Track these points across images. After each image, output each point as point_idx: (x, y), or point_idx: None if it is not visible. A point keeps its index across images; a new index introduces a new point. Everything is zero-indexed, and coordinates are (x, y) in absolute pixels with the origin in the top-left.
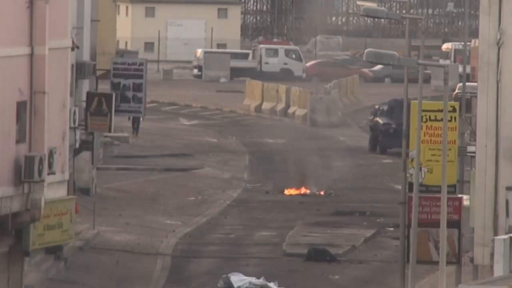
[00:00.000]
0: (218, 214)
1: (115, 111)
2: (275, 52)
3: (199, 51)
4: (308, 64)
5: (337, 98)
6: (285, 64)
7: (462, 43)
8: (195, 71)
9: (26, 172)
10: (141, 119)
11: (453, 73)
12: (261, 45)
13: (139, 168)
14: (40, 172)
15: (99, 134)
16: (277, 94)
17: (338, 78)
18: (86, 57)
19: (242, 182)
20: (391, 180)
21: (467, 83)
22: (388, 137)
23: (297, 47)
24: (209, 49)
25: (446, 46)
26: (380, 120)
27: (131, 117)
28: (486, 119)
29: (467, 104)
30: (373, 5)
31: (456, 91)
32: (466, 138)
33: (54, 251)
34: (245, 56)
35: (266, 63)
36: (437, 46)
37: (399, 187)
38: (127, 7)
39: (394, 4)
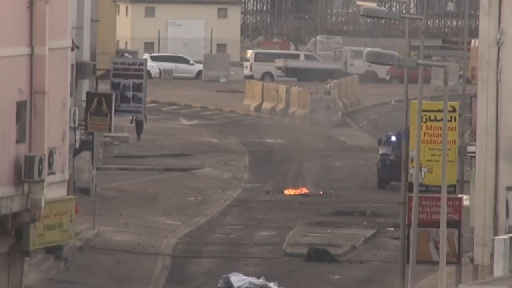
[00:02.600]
0: (218, 214)
1: (115, 111)
2: (361, 54)
3: (250, 52)
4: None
5: (337, 98)
6: (370, 66)
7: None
8: (246, 71)
9: (26, 172)
10: (144, 123)
11: None
12: (347, 47)
13: (139, 168)
14: (40, 172)
15: (99, 134)
16: (277, 94)
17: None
18: (86, 57)
19: (242, 182)
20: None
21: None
22: (384, 170)
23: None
24: (259, 50)
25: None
26: (380, 150)
27: (134, 121)
28: (486, 119)
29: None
30: (373, 5)
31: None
32: (466, 138)
33: (54, 251)
34: (296, 57)
35: (351, 64)
36: (437, 46)
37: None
38: (127, 7)
39: (394, 4)
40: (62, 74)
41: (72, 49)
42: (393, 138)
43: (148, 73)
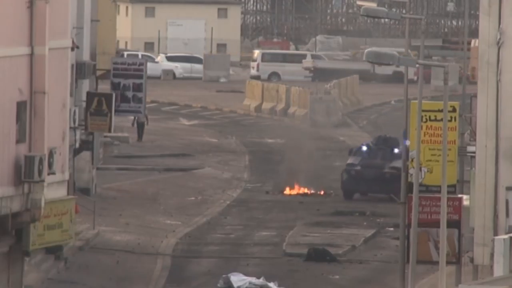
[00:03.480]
0: (218, 214)
1: (115, 111)
2: None
3: (257, 52)
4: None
5: (337, 98)
6: (397, 66)
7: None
8: (253, 71)
9: (26, 172)
10: (145, 124)
11: None
12: (375, 48)
13: (139, 168)
14: (40, 172)
15: (99, 134)
16: (277, 94)
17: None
18: (86, 57)
19: (242, 182)
20: None
21: None
22: (348, 181)
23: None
24: (266, 50)
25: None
26: (348, 160)
27: (135, 123)
28: (486, 119)
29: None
30: (373, 5)
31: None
32: (466, 138)
33: (54, 251)
34: (303, 57)
35: (380, 65)
36: (437, 46)
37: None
38: (127, 7)
39: (395, 4)
40: (62, 74)
41: (72, 49)
42: (364, 148)
43: (173, 73)
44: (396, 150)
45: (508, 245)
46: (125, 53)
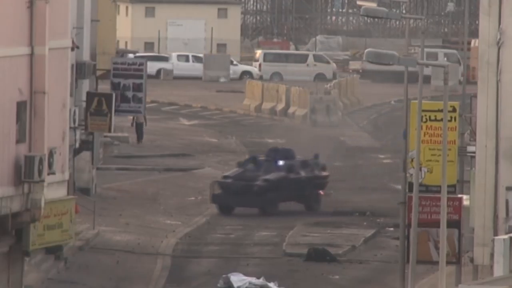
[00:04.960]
0: (218, 214)
1: (115, 111)
2: (435, 55)
3: (259, 52)
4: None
5: (337, 98)
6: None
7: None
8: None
9: (26, 172)
10: (144, 125)
11: None
12: (419, 49)
13: (139, 168)
14: (40, 172)
15: (99, 134)
16: (277, 94)
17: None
18: (86, 57)
19: None
20: (391, 180)
21: None
22: (218, 193)
23: (455, 51)
24: (268, 50)
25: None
26: (227, 172)
27: (134, 124)
28: (486, 119)
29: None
30: (373, 5)
31: None
32: (466, 138)
33: (54, 251)
34: (305, 57)
35: (427, 66)
36: (437, 46)
37: (399, 187)
38: (127, 7)
39: (395, 3)
40: (62, 74)
41: (72, 49)
42: (250, 160)
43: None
44: (280, 162)
45: (508, 245)
46: (131, 55)
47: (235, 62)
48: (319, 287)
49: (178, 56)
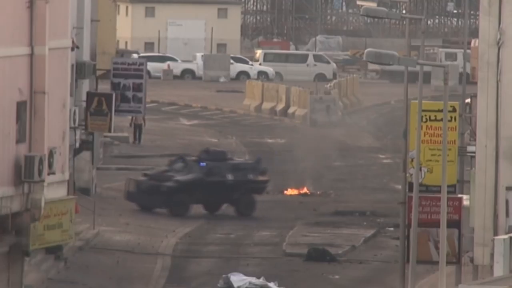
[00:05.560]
0: (218, 214)
1: (115, 111)
2: (454, 56)
3: (259, 52)
4: None
5: (337, 98)
6: (462, 67)
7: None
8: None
9: (26, 172)
10: (142, 126)
11: None
12: (441, 49)
13: (139, 168)
14: (40, 172)
15: (99, 134)
16: (277, 94)
17: None
18: (86, 57)
19: None
20: (391, 180)
21: None
22: (136, 191)
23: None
24: (268, 50)
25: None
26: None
27: (133, 125)
28: (486, 119)
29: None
30: (373, 5)
31: None
32: (466, 138)
33: (54, 251)
34: (305, 57)
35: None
36: (437, 46)
37: (399, 187)
38: (127, 7)
39: (395, 3)
40: (62, 74)
41: (72, 49)
42: (176, 161)
43: (247, 74)
44: (202, 164)
45: (508, 245)
46: (135, 55)
47: (250, 62)
48: (319, 287)
49: (203, 56)
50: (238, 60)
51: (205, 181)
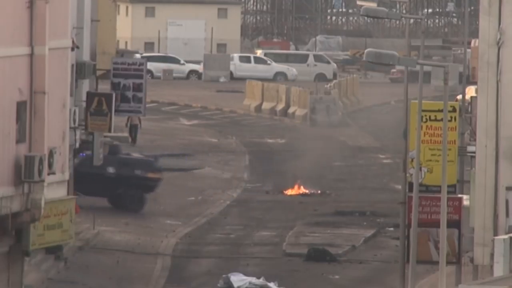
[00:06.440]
0: (218, 214)
1: (115, 111)
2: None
3: (259, 52)
4: None
5: (337, 98)
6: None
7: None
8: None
9: (26, 172)
10: (139, 128)
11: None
12: (468, 49)
13: None
14: (40, 172)
15: (99, 134)
16: (277, 94)
17: None
18: (86, 57)
19: (242, 182)
20: (391, 180)
21: None
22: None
23: None
24: (269, 50)
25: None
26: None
27: (129, 125)
28: (486, 119)
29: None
30: (373, 5)
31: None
32: (466, 138)
33: (54, 251)
34: (306, 57)
35: (474, 67)
36: (437, 46)
37: (399, 187)
38: (127, 7)
39: (395, 3)
40: (62, 74)
41: (72, 49)
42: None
43: (284, 74)
44: (82, 155)
45: (508, 245)
46: (138, 55)
47: (269, 62)
48: (319, 287)
49: (240, 57)
50: (258, 60)
51: (79, 172)
